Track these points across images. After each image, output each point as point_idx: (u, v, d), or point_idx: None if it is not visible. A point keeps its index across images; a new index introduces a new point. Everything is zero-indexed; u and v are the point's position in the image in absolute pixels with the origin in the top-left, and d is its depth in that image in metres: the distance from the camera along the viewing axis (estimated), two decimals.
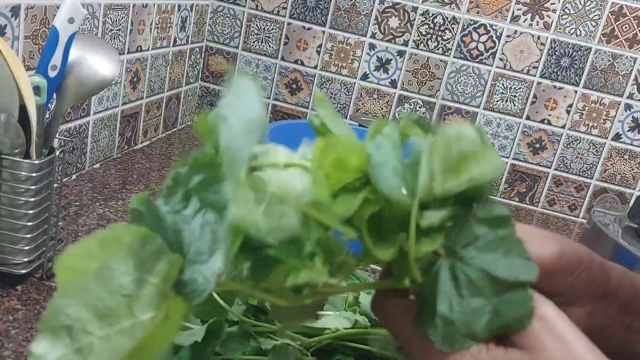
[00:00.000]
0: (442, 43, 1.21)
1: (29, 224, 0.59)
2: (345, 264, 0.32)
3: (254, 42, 1.27)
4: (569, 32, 1.17)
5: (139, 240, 0.30)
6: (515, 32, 1.18)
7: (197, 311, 0.50)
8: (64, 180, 0.63)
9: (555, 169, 1.25)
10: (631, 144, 1.22)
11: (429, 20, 1.20)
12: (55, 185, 0.62)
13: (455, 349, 0.32)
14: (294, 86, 1.28)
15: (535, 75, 1.20)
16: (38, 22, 0.73)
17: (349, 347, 0.52)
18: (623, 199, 1.25)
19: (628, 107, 1.20)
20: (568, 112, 1.22)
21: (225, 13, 1.26)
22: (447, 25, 1.20)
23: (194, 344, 0.45)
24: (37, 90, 0.58)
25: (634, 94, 1.19)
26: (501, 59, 1.20)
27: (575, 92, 1.20)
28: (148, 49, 1.04)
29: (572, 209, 1.27)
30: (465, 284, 0.31)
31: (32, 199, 0.58)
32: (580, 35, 1.17)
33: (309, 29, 1.24)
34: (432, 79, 1.23)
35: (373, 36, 1.23)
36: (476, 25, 1.19)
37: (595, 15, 1.15)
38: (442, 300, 0.31)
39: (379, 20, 1.22)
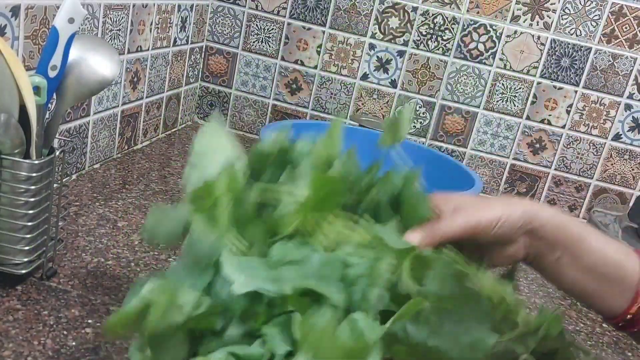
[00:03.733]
0: (442, 43, 1.21)
1: (29, 224, 0.59)
2: None
3: (254, 42, 1.27)
4: (569, 32, 1.17)
5: None
6: (515, 32, 1.18)
7: None
8: (64, 180, 0.63)
9: (555, 169, 1.25)
10: (631, 144, 1.22)
11: (429, 20, 1.20)
12: (55, 185, 0.62)
13: None
14: (294, 86, 1.28)
15: (535, 75, 1.20)
16: (38, 22, 0.73)
17: None
18: (623, 199, 1.25)
19: (628, 107, 1.20)
20: (568, 112, 1.22)
21: (225, 13, 1.26)
22: (447, 25, 1.20)
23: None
24: (37, 90, 0.58)
25: (634, 94, 1.19)
26: (501, 59, 1.20)
27: (575, 92, 1.20)
28: (148, 49, 1.04)
29: (572, 209, 1.27)
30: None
31: (32, 199, 0.58)
32: (580, 35, 1.17)
33: (309, 29, 1.24)
34: (432, 79, 1.23)
35: (373, 36, 1.23)
36: (476, 25, 1.19)
37: (595, 15, 1.15)
38: None
39: (379, 20, 1.22)
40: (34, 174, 0.58)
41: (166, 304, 0.43)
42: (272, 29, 1.25)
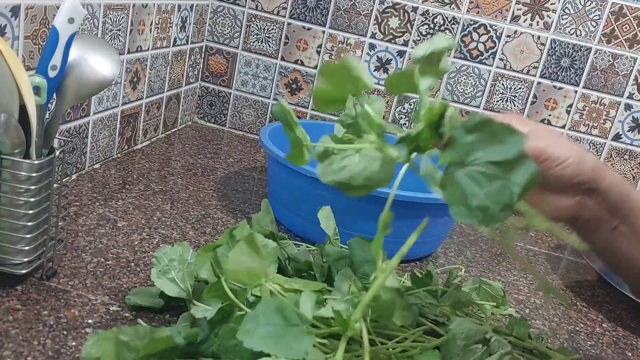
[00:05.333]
0: None
1: (29, 224, 0.59)
2: None
3: (254, 42, 1.27)
4: (569, 32, 1.17)
5: None
6: (515, 32, 1.18)
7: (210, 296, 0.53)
8: (64, 180, 0.63)
9: None
10: (631, 144, 1.22)
11: (429, 20, 1.20)
12: (55, 185, 0.62)
13: (493, 224, 0.39)
14: (294, 86, 1.28)
15: (535, 75, 1.20)
16: (38, 22, 0.73)
17: None
18: None
19: (628, 107, 1.20)
20: (568, 112, 1.22)
21: (225, 13, 1.26)
22: (447, 25, 1.20)
23: (209, 320, 0.51)
24: (37, 90, 0.58)
25: (634, 94, 1.19)
26: (501, 59, 1.20)
27: (575, 92, 1.20)
28: (148, 49, 1.04)
29: None
30: (481, 178, 0.39)
31: (32, 199, 0.58)
32: (580, 35, 1.17)
33: (309, 29, 1.24)
34: None
35: (373, 36, 1.23)
36: (476, 25, 1.19)
37: (595, 15, 1.15)
38: (471, 198, 0.39)
39: (379, 20, 1.22)
40: (34, 174, 0.58)
41: (115, 351, 0.45)
42: (272, 29, 1.25)
